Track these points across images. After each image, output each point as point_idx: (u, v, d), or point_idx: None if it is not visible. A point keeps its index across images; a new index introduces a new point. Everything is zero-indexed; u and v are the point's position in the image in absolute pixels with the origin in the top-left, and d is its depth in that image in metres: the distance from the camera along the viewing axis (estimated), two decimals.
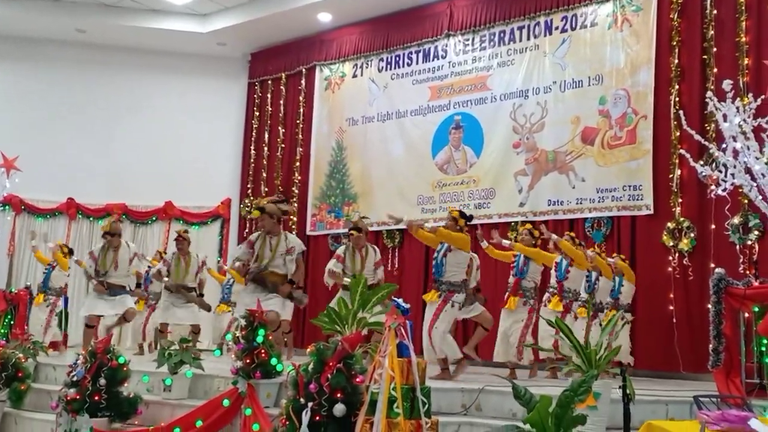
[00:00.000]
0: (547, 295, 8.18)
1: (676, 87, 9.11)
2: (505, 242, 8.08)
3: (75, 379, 5.98)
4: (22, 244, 13.23)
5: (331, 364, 4.58)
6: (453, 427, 5.26)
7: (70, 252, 10.62)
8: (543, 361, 8.16)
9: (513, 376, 7.27)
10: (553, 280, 8.22)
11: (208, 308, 9.36)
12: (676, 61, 9.16)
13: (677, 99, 9.07)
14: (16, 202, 13.05)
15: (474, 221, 10.10)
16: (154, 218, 13.53)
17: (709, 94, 6.65)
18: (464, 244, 7.12)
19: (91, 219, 13.52)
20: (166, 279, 9.24)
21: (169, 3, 12.66)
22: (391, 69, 12.10)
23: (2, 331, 8.72)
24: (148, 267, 10.57)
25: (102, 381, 5.95)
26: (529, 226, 8.11)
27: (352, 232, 8.10)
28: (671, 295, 8.74)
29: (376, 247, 8.48)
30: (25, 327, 9.03)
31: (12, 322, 8.60)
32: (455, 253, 7.06)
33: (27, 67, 13.56)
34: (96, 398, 5.88)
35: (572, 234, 8.64)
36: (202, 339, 9.96)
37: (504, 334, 7.61)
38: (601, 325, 7.99)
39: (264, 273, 7.20)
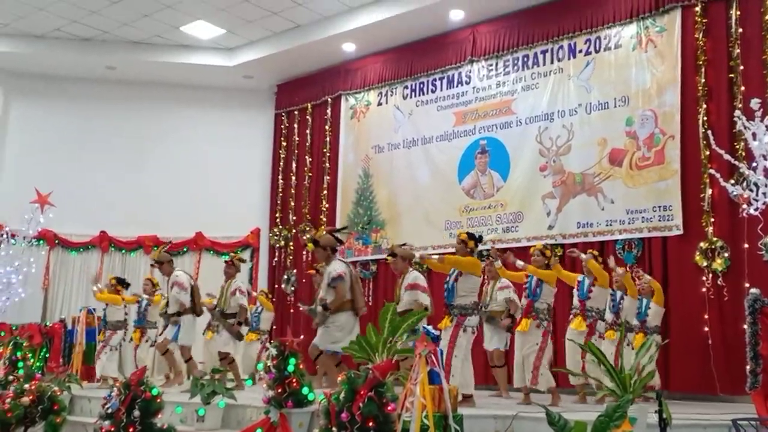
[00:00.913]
0: (570, 315, 8.09)
1: (704, 106, 9.05)
2: (519, 263, 7.97)
3: (110, 411, 6.01)
4: (56, 278, 13.44)
5: (362, 392, 4.56)
6: None
7: (124, 284, 10.55)
8: (569, 386, 8.07)
9: (527, 401, 7.18)
10: (575, 300, 8.14)
11: (238, 337, 9.24)
12: (703, 80, 9.11)
13: (705, 118, 9.00)
14: (50, 237, 13.29)
15: (502, 245, 10.14)
16: (185, 249, 13.68)
17: (737, 113, 6.62)
18: (474, 268, 7.09)
19: (123, 252, 13.71)
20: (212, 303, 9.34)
21: (196, 38, 12.90)
22: (415, 96, 12.19)
23: (38, 364, 8.82)
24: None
25: (136, 412, 5.97)
26: (540, 246, 7.93)
27: (387, 258, 8.11)
28: (706, 316, 8.62)
29: (415, 272, 8.35)
30: (60, 360, 9.13)
31: (47, 356, 8.73)
32: (466, 277, 7.04)
33: (59, 105, 13.88)
34: (131, 430, 5.89)
35: (595, 252, 8.54)
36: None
37: (519, 357, 7.50)
38: (630, 345, 7.88)
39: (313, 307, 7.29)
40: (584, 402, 7.62)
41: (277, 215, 13.69)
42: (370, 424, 4.41)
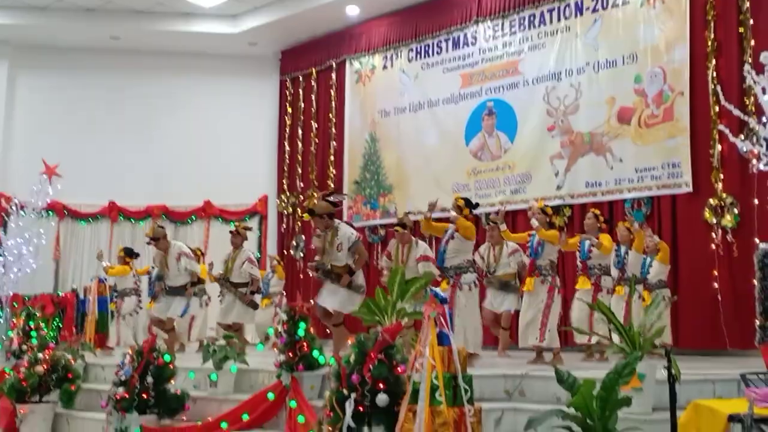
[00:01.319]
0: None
1: (713, 62, 8.92)
2: (534, 222, 7.88)
3: (123, 378, 6.11)
4: (67, 248, 13.52)
5: (372, 355, 4.60)
6: (497, 413, 5.25)
7: (133, 255, 10.62)
8: (576, 345, 8.11)
9: (540, 360, 7.22)
10: (578, 261, 8.19)
11: (253, 306, 9.23)
12: (712, 35, 8.97)
13: (714, 74, 8.88)
14: (59, 208, 13.34)
15: (511, 206, 10.12)
16: (193, 217, 13.73)
17: (747, 67, 6.52)
18: (469, 232, 7.18)
19: (132, 221, 13.77)
20: (215, 272, 9.30)
21: (199, 6, 12.78)
22: (421, 58, 12.07)
23: (51, 333, 8.92)
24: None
25: (149, 379, 6.07)
26: (541, 203, 7.93)
27: (396, 228, 8.08)
28: (715, 273, 8.60)
29: (422, 242, 8.37)
30: (73, 329, 9.22)
31: (60, 325, 8.83)
32: (457, 239, 7.15)
33: (64, 76, 13.84)
34: (144, 396, 6.01)
35: (597, 212, 8.45)
36: (246, 334, 9.92)
37: (528, 316, 7.50)
38: (641, 299, 7.88)
39: (329, 269, 7.28)
40: (590, 359, 7.67)
41: (285, 182, 13.70)
42: (381, 385, 4.45)
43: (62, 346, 7.71)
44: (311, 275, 9.10)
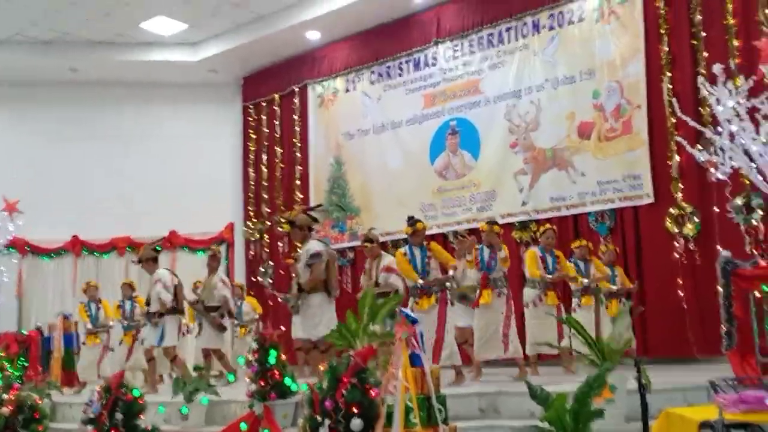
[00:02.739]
0: (537, 292, 8.09)
1: (668, 74, 9.12)
2: (501, 254, 7.90)
3: (92, 415, 5.97)
4: (30, 285, 13.26)
5: (345, 379, 4.57)
6: None
7: None
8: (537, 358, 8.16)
9: (523, 371, 7.25)
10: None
11: (221, 329, 9.14)
12: (666, 48, 9.17)
13: (670, 86, 9.06)
14: (21, 245, 13.09)
15: (475, 225, 10.19)
16: (159, 248, 13.49)
17: (701, 79, 6.67)
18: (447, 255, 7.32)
19: (96, 255, 13.54)
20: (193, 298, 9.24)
21: (158, 35, 12.73)
22: (383, 80, 12.14)
23: (16, 373, 8.71)
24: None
25: (119, 415, 5.92)
26: (485, 226, 7.89)
27: (365, 244, 8.09)
28: (680, 281, 8.72)
29: (388, 255, 8.37)
30: (39, 367, 9.02)
31: (25, 364, 8.61)
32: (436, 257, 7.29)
33: (22, 110, 13.65)
34: None
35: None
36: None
37: (486, 330, 7.47)
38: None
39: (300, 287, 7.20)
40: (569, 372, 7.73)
41: (251, 209, 13.62)
42: (355, 410, 4.42)
43: (28, 386, 7.52)
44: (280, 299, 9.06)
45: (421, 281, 7.18)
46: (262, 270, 12.99)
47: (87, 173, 13.44)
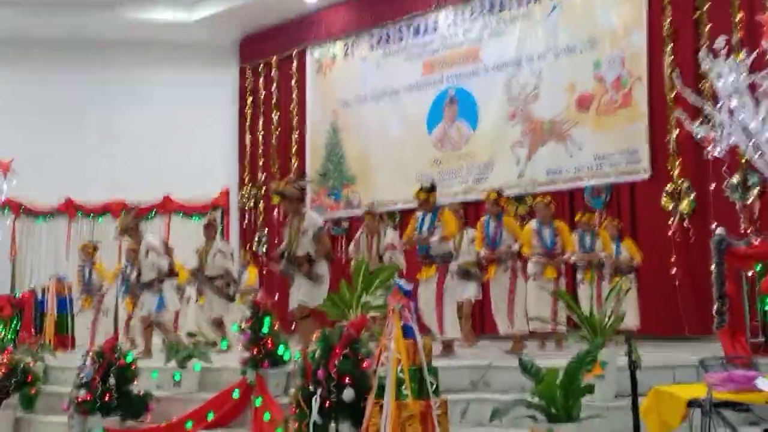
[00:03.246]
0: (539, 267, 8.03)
1: (670, 46, 9.03)
2: (515, 246, 7.87)
3: (84, 380, 6.00)
4: (24, 247, 13.23)
5: (337, 350, 4.60)
6: (462, 404, 5.28)
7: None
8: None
9: (519, 348, 7.27)
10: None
11: (229, 298, 9.14)
12: (669, 20, 9.07)
13: (671, 59, 8.98)
14: (14, 206, 13.02)
15: (471, 196, 10.16)
16: (153, 213, 13.48)
17: (702, 52, 6.59)
18: (458, 220, 7.20)
19: (90, 217, 13.49)
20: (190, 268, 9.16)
21: None
22: (382, 46, 12.00)
23: (9, 336, 8.73)
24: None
25: (111, 380, 5.97)
26: (494, 195, 7.83)
27: (366, 215, 8.04)
28: (673, 259, 8.73)
29: (390, 231, 8.33)
30: (32, 330, 9.02)
31: (19, 327, 8.63)
32: (440, 229, 7.13)
33: (16, 69, 13.45)
34: (107, 398, 5.91)
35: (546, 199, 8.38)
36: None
37: (495, 304, 7.57)
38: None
39: (290, 258, 7.12)
40: (544, 348, 7.74)
41: (246, 174, 13.54)
42: (347, 380, 4.45)
43: (21, 349, 7.52)
44: (272, 268, 9.02)
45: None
46: (257, 238, 12.99)
47: (81, 135, 13.31)
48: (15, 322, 8.87)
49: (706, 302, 7.01)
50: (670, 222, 8.83)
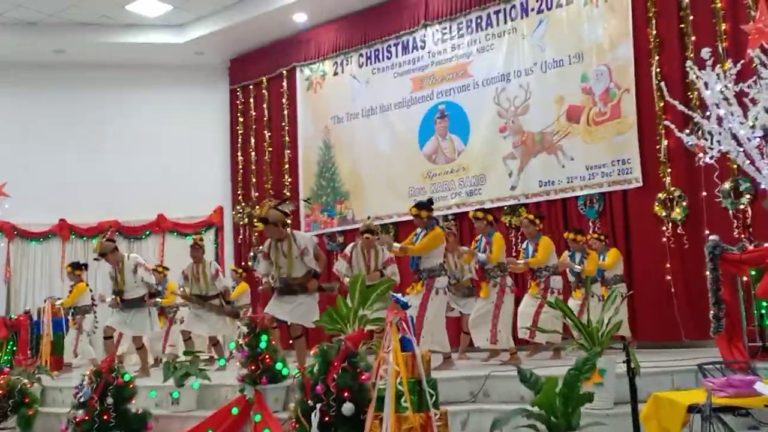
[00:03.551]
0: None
1: (656, 58, 9.13)
2: (519, 263, 7.94)
3: (82, 400, 5.98)
4: (18, 269, 13.18)
5: (336, 364, 4.60)
6: (462, 415, 5.28)
7: (82, 267, 10.36)
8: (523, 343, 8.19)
9: (494, 357, 7.30)
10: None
11: (235, 315, 9.14)
12: (654, 32, 9.18)
13: (658, 70, 9.09)
14: (8, 228, 13.01)
15: (464, 209, 10.21)
16: (147, 232, 13.48)
17: (689, 63, 6.68)
18: (440, 240, 7.20)
19: (84, 239, 13.47)
20: (180, 290, 9.12)
21: (144, 16, 12.58)
22: (371, 63, 12.08)
23: (5, 358, 8.69)
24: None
25: (109, 400, 5.95)
26: (480, 214, 7.88)
27: (366, 235, 8.04)
28: (668, 265, 8.78)
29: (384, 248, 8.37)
30: (28, 352, 8.99)
31: (14, 348, 8.59)
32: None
33: (7, 92, 13.46)
34: (105, 417, 5.88)
35: (530, 216, 8.49)
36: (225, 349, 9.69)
37: (477, 318, 7.55)
38: (596, 298, 8.01)
39: (289, 281, 7.09)
40: (533, 357, 7.76)
41: (239, 192, 13.57)
42: (346, 394, 4.45)
43: (17, 370, 7.49)
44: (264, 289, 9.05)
45: (482, 255, 7.32)
46: (252, 255, 12.98)
47: (74, 156, 13.32)
48: (11, 344, 8.83)
49: (702, 308, 7.04)
50: (663, 229, 8.90)
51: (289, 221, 7.51)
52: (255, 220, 7.79)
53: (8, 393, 6.87)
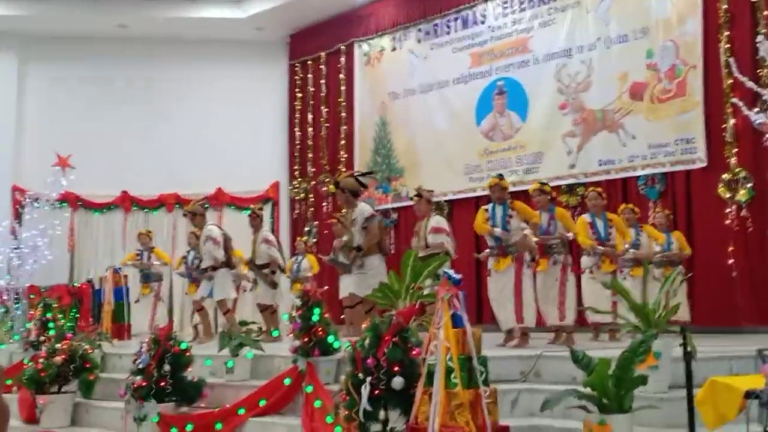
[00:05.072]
0: (594, 260, 7.92)
1: (726, 34, 8.79)
2: (569, 234, 7.77)
3: (140, 366, 6.15)
4: (81, 239, 13.60)
5: (387, 338, 4.60)
6: (512, 394, 5.24)
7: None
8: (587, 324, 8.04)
9: (558, 340, 7.17)
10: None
11: (273, 286, 9.33)
12: (725, 6, 8.84)
13: (727, 46, 8.75)
14: (72, 199, 13.41)
15: (521, 187, 10.05)
16: (206, 206, 13.65)
17: (759, 38, 6.43)
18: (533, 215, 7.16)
19: (145, 210, 13.81)
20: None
21: None
22: (430, 39, 11.99)
23: (68, 324, 8.98)
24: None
25: (166, 367, 6.10)
26: (537, 185, 7.67)
27: (413, 197, 8.03)
28: (730, 248, 8.50)
29: (437, 215, 8.27)
30: (90, 319, 9.26)
31: (77, 315, 8.88)
32: (516, 218, 7.11)
33: (72, 66, 13.83)
34: (162, 384, 6.04)
35: (599, 190, 8.26)
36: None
37: (544, 296, 7.37)
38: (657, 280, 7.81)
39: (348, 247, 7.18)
40: (597, 340, 7.62)
41: (296, 167, 13.70)
42: (396, 368, 4.45)
43: (79, 337, 7.75)
44: (323, 258, 9.13)
45: (498, 231, 7.06)
46: (307, 229, 13.10)
47: (135, 130, 13.63)
48: (74, 311, 9.12)
49: (764, 293, 6.84)
50: (726, 211, 8.62)
51: (361, 192, 7.48)
52: (329, 183, 7.90)
53: (70, 358, 7.09)
